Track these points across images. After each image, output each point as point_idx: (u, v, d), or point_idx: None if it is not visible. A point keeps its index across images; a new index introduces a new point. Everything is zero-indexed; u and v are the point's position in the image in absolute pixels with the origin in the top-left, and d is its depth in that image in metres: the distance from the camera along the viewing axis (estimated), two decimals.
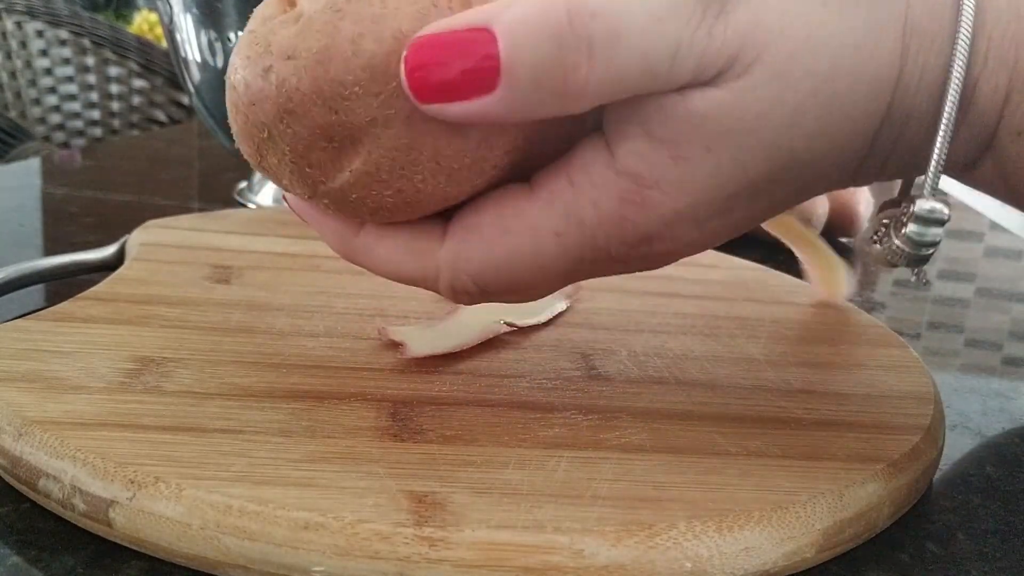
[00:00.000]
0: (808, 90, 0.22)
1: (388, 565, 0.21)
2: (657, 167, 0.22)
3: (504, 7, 0.20)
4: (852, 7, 0.22)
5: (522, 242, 0.23)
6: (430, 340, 0.32)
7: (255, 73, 0.21)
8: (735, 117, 0.22)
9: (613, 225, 0.22)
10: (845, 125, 0.23)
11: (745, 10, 0.21)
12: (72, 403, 0.26)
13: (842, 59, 0.22)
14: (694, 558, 0.22)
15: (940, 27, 0.23)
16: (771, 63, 0.21)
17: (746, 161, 0.22)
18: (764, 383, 0.32)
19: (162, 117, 1.58)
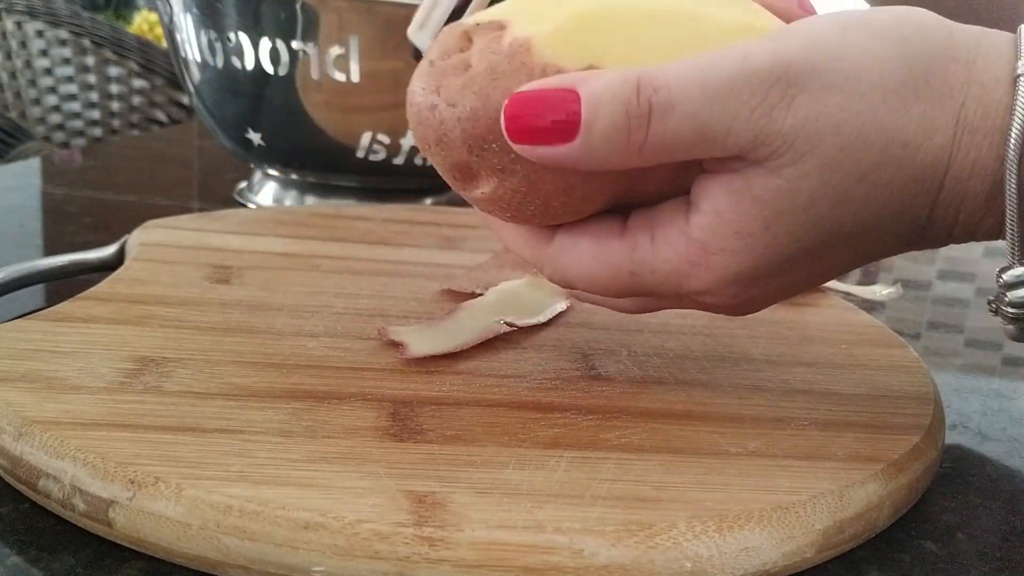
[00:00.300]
0: (855, 177, 0.25)
1: (388, 565, 0.21)
2: (722, 239, 0.26)
3: (591, 75, 0.25)
4: (910, 104, 0.25)
5: (604, 271, 0.28)
6: (430, 340, 0.32)
7: (425, 104, 0.27)
8: (790, 200, 0.25)
9: (680, 278, 0.27)
10: (891, 204, 0.26)
11: (807, 101, 0.24)
12: (72, 403, 0.26)
13: (890, 153, 0.25)
14: (694, 558, 0.22)
15: (992, 125, 0.25)
16: (823, 155, 0.24)
17: (799, 234, 0.26)
18: (764, 383, 0.32)
19: (162, 117, 1.58)
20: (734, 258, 0.26)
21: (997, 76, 0.25)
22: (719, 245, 0.26)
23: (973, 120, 0.25)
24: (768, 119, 0.24)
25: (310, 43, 0.51)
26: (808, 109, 0.24)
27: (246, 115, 0.55)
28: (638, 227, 0.28)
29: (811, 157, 0.25)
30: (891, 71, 0.25)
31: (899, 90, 0.25)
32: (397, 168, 0.56)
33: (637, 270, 0.27)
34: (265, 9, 0.51)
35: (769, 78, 0.24)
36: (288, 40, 0.51)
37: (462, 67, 0.27)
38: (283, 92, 0.53)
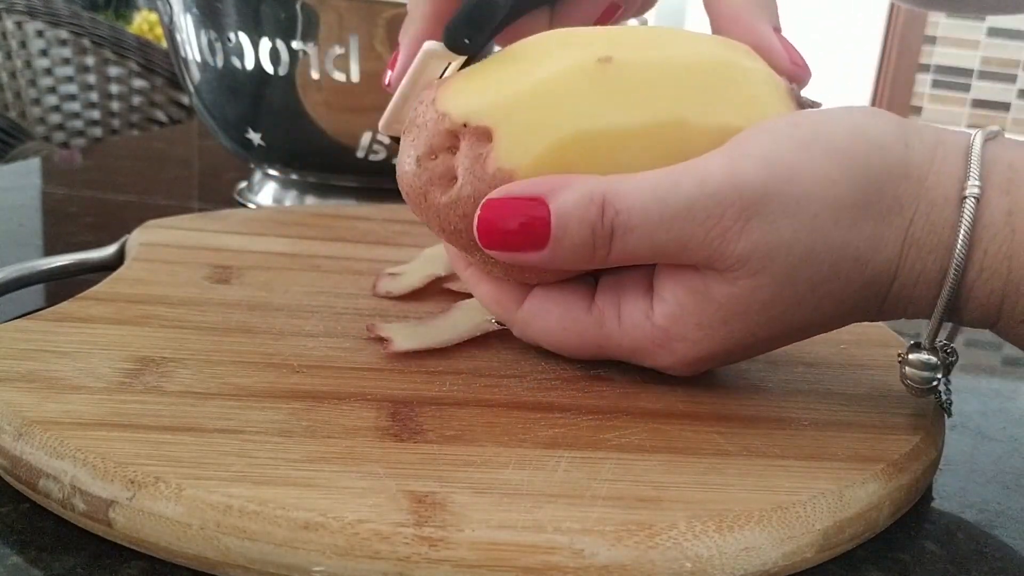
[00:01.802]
0: (807, 288, 0.27)
1: (388, 565, 0.21)
2: (684, 328, 0.28)
3: (558, 187, 0.27)
4: (861, 222, 0.26)
5: (572, 340, 0.30)
6: (415, 336, 0.32)
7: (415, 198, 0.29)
8: (745, 305, 0.27)
9: (643, 355, 0.29)
10: (842, 307, 0.28)
11: (760, 226, 0.26)
12: (72, 403, 0.26)
13: (840, 268, 0.26)
14: (694, 558, 0.22)
15: (938, 241, 0.26)
16: (775, 272, 0.26)
17: (755, 329, 0.28)
18: (764, 383, 0.32)
19: (162, 117, 1.58)
20: (695, 346, 0.28)
21: (946, 195, 0.26)
22: (681, 333, 0.28)
23: (920, 236, 0.26)
24: (722, 241, 0.26)
25: (310, 43, 0.51)
26: (761, 233, 0.26)
27: (246, 115, 0.55)
28: (605, 305, 0.29)
29: (764, 274, 0.26)
30: (843, 193, 0.26)
31: (851, 209, 0.26)
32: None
33: (604, 343, 0.30)
34: (265, 9, 0.51)
35: (724, 202, 0.25)
36: (288, 40, 0.51)
37: (448, 176, 0.29)
38: (283, 92, 0.53)
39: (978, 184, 0.26)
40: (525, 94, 0.28)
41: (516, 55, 0.29)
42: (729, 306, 0.27)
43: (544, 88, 0.28)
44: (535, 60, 0.29)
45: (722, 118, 0.28)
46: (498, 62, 0.29)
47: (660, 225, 0.26)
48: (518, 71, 0.28)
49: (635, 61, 0.28)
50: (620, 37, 0.29)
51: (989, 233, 0.26)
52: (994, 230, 0.26)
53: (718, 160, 0.26)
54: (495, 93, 0.28)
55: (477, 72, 0.29)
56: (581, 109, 0.28)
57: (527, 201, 0.27)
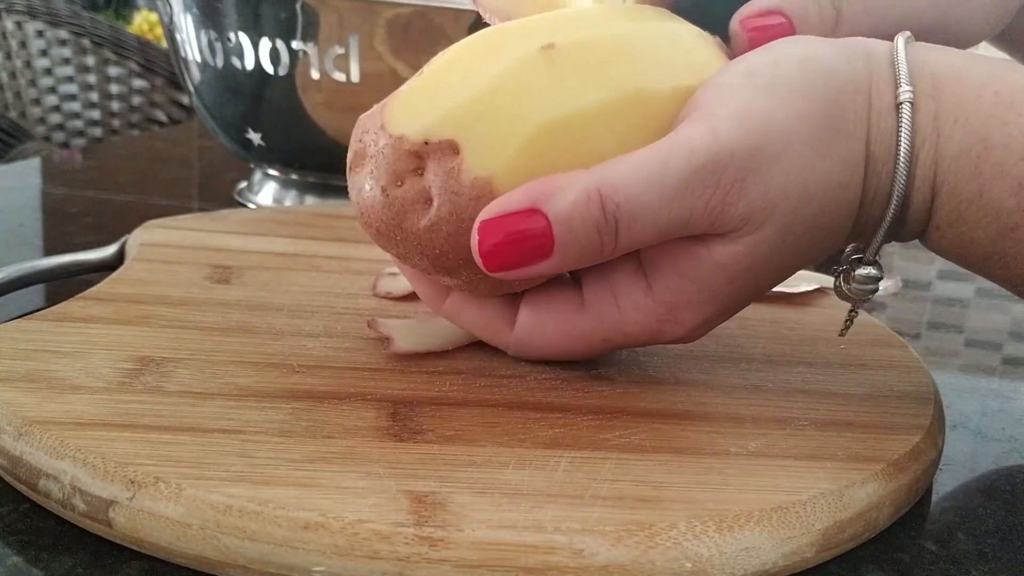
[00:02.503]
0: (805, 227, 0.27)
1: (388, 565, 0.21)
2: (687, 295, 0.28)
3: (549, 192, 0.26)
4: (838, 144, 0.26)
5: (576, 344, 0.30)
6: (416, 337, 0.32)
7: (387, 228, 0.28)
8: (749, 260, 0.27)
9: (651, 334, 0.29)
10: (828, 238, 0.28)
11: (755, 180, 0.26)
12: (72, 403, 0.26)
13: (830, 197, 0.27)
14: (694, 558, 0.22)
15: (887, 152, 0.27)
16: (778, 221, 0.26)
17: (759, 280, 0.28)
18: (764, 383, 0.32)
19: (162, 117, 1.58)
20: (700, 309, 0.28)
21: (888, 103, 0.27)
22: (685, 301, 0.28)
23: (875, 150, 0.27)
24: (723, 205, 0.26)
25: (310, 43, 0.51)
26: (758, 187, 0.26)
27: (246, 115, 0.55)
28: (599, 298, 0.29)
29: (767, 225, 0.26)
30: (817, 124, 0.26)
31: (826, 137, 0.26)
32: None
33: (609, 336, 0.29)
34: (265, 9, 0.51)
35: (718, 169, 0.26)
36: (288, 40, 0.51)
37: (421, 200, 0.27)
38: (283, 92, 0.53)
39: (909, 89, 0.26)
40: (480, 98, 0.27)
41: (452, 62, 0.28)
42: (733, 265, 0.27)
43: (496, 87, 0.27)
44: (477, 61, 0.28)
45: (675, 80, 0.29)
46: (437, 73, 0.28)
47: (661, 208, 0.26)
48: (463, 76, 0.28)
49: (575, 42, 0.28)
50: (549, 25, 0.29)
51: (920, 138, 0.26)
52: (923, 134, 0.26)
53: (698, 128, 0.26)
54: (448, 103, 0.27)
55: (417, 88, 0.28)
56: (539, 101, 0.27)
57: (521, 215, 0.26)
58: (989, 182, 0.26)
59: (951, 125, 0.26)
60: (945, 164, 0.26)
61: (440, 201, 0.27)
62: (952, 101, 0.26)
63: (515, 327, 0.30)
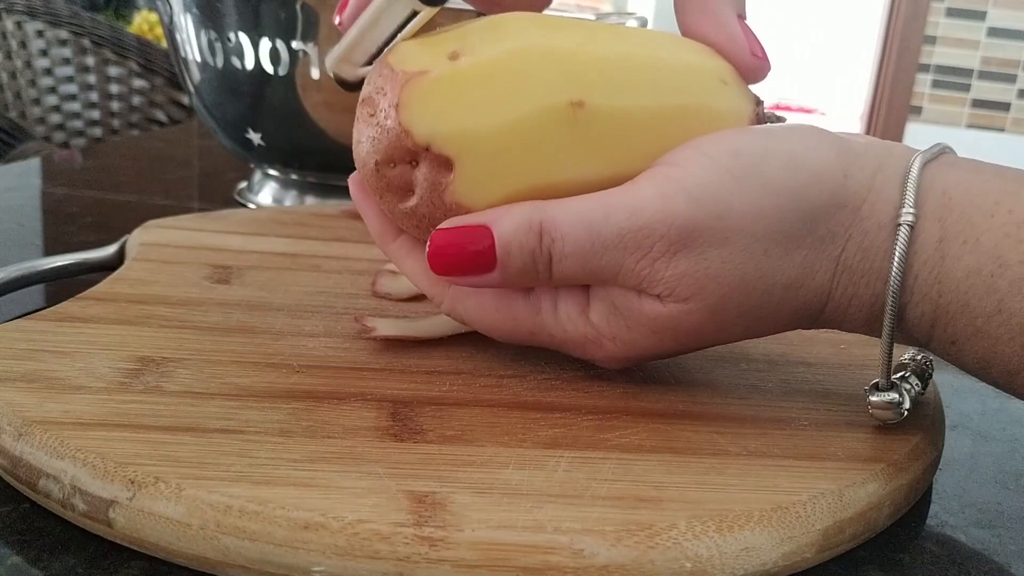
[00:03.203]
0: (737, 313, 0.28)
1: (388, 565, 0.21)
2: (615, 330, 0.28)
3: (500, 214, 0.27)
4: (792, 251, 0.27)
5: (506, 323, 0.30)
6: (399, 326, 0.33)
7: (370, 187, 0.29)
8: (674, 324, 0.28)
9: (573, 347, 0.30)
10: (775, 328, 0.29)
11: (686, 257, 0.26)
12: (72, 403, 0.26)
13: (772, 295, 0.27)
14: (694, 558, 0.22)
15: (870, 267, 0.27)
16: (705, 300, 0.27)
17: (685, 341, 0.29)
18: (764, 383, 0.32)
19: (162, 117, 1.58)
20: (625, 347, 0.29)
21: (880, 222, 0.27)
22: (612, 334, 0.29)
23: (852, 262, 0.27)
24: (651, 270, 0.27)
25: (310, 43, 0.51)
26: (688, 264, 0.26)
27: (246, 115, 0.55)
28: (544, 295, 0.29)
29: (693, 300, 0.27)
30: (775, 226, 0.27)
31: (782, 241, 0.27)
32: None
33: (536, 331, 0.30)
34: (265, 9, 0.51)
35: (653, 236, 0.26)
36: (288, 40, 0.51)
37: (404, 188, 0.29)
38: (283, 92, 0.53)
39: (912, 211, 0.26)
40: (492, 132, 0.27)
41: (489, 69, 0.27)
42: (659, 322, 0.28)
43: (512, 130, 0.27)
44: (509, 85, 0.27)
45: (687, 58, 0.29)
46: (470, 75, 0.27)
47: (592, 253, 0.27)
48: (488, 94, 0.27)
49: (607, 108, 0.28)
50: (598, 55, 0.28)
51: (920, 259, 0.26)
52: (925, 256, 0.26)
53: (650, 192, 0.27)
54: (462, 120, 0.27)
55: (445, 82, 0.27)
56: (547, 161, 0.28)
57: (471, 229, 0.28)
58: (1008, 298, 0.25)
59: (959, 247, 0.26)
60: (951, 284, 0.26)
61: (419, 201, 0.28)
62: (961, 222, 0.26)
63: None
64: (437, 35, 0.29)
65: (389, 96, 0.28)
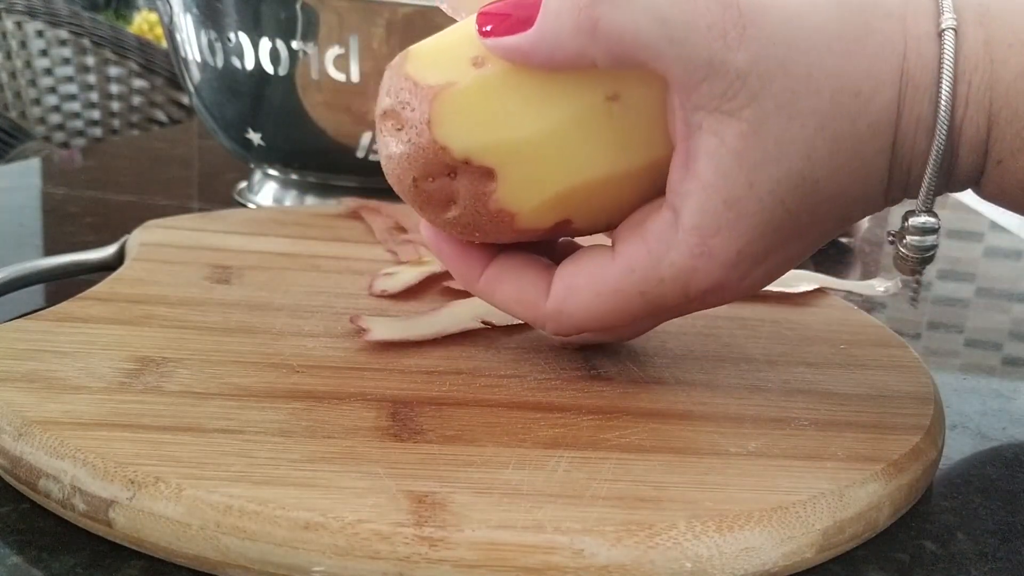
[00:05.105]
0: (815, 126, 0.25)
1: (388, 565, 0.21)
2: (714, 215, 0.26)
3: None
4: (856, 54, 0.25)
5: (612, 302, 0.28)
6: (394, 328, 0.33)
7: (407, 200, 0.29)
8: (760, 148, 0.25)
9: (688, 276, 0.27)
10: (856, 160, 0.26)
11: (756, 34, 0.25)
12: (72, 403, 0.26)
13: (842, 102, 0.25)
14: (694, 558, 0.22)
15: (929, 79, 0.26)
16: (776, 96, 0.25)
17: (782, 193, 0.26)
18: (764, 383, 0.32)
19: (162, 117, 1.58)
20: (731, 235, 0.26)
21: (927, 31, 0.26)
22: (715, 224, 0.26)
23: (915, 74, 0.26)
24: (723, 44, 0.24)
25: (310, 43, 0.51)
26: (758, 43, 0.25)
27: (246, 115, 0.55)
28: (628, 247, 0.28)
29: (765, 98, 0.25)
30: (832, 20, 0.25)
31: (840, 39, 0.25)
32: None
33: (645, 288, 0.27)
34: (265, 9, 0.51)
35: (724, 2, 0.25)
36: (288, 40, 0.51)
37: (445, 199, 0.28)
38: (283, 92, 0.53)
39: (953, 16, 0.25)
40: (532, 138, 0.27)
41: (514, 71, 0.27)
42: (746, 154, 0.25)
43: (552, 134, 0.27)
44: (538, 82, 0.27)
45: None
46: (498, 82, 0.27)
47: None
48: (522, 100, 0.27)
49: (641, 96, 0.27)
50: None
51: (971, 64, 0.25)
52: (975, 60, 0.25)
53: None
54: (499, 130, 0.27)
55: (473, 93, 0.27)
56: (588, 156, 0.27)
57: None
58: None
59: (1005, 50, 0.25)
60: (1002, 88, 0.25)
61: (462, 211, 0.28)
62: (1003, 26, 0.25)
63: (547, 296, 0.29)
64: (448, 37, 0.28)
65: (418, 112, 0.27)
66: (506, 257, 0.30)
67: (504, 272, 0.30)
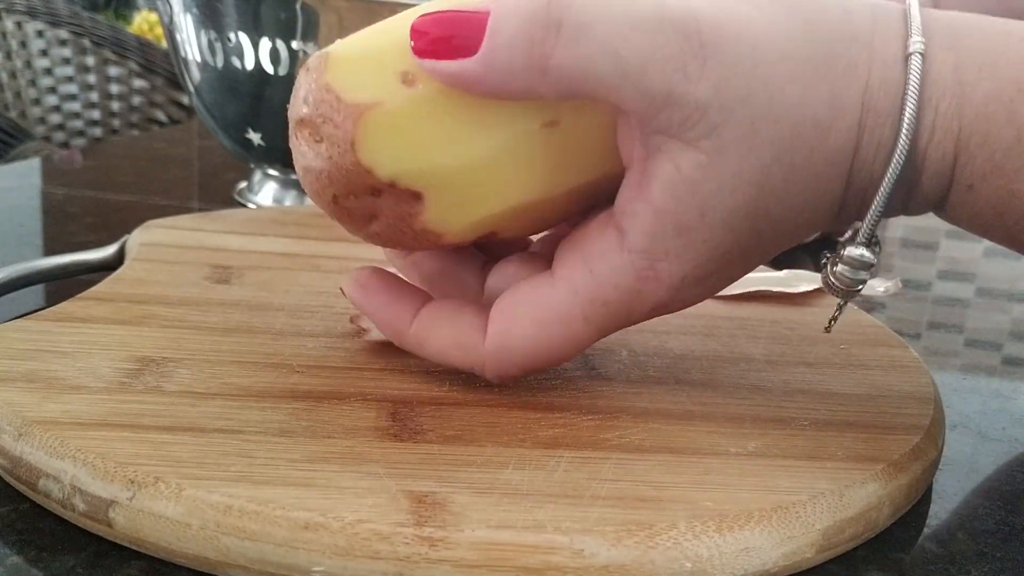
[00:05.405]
0: (772, 156, 0.25)
1: (388, 565, 0.21)
2: (663, 240, 0.25)
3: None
4: (818, 82, 0.25)
5: (555, 330, 0.27)
6: None
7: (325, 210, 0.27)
8: (716, 180, 0.25)
9: (632, 299, 0.26)
10: (810, 188, 0.26)
11: (717, 66, 0.24)
12: (72, 403, 0.26)
13: (802, 132, 0.25)
14: (694, 558, 0.22)
15: (892, 104, 0.25)
16: (736, 128, 0.24)
17: (732, 222, 0.25)
18: (764, 383, 0.32)
19: (162, 117, 1.58)
20: (679, 261, 0.26)
21: (894, 55, 0.25)
22: (663, 249, 0.25)
23: (876, 100, 0.25)
24: (683, 76, 0.24)
25: (310, 43, 0.51)
26: (719, 75, 0.24)
27: (246, 115, 0.55)
28: (570, 268, 0.27)
29: (725, 129, 0.24)
30: (797, 45, 0.25)
31: (804, 66, 0.25)
32: None
33: (588, 311, 0.26)
34: (265, 9, 0.51)
35: (684, 30, 0.24)
36: (288, 40, 0.51)
37: (366, 216, 0.26)
38: (283, 92, 0.53)
39: (921, 40, 0.25)
40: (463, 165, 0.25)
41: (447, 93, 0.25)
42: (702, 185, 0.25)
43: (484, 159, 0.26)
44: (473, 106, 0.25)
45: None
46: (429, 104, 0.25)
47: (619, 31, 0.23)
48: (455, 124, 0.25)
49: (582, 123, 0.26)
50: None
51: (939, 90, 0.25)
52: (943, 86, 0.25)
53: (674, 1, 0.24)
54: (429, 156, 0.25)
55: (402, 115, 0.25)
56: (520, 183, 0.26)
57: (467, 13, 0.24)
58: None
59: (975, 73, 0.25)
60: (971, 113, 0.25)
61: (384, 228, 0.27)
62: (973, 51, 0.25)
63: (486, 336, 0.27)
64: (375, 41, 0.26)
65: (341, 131, 0.25)
66: (437, 303, 0.29)
67: (437, 315, 0.28)
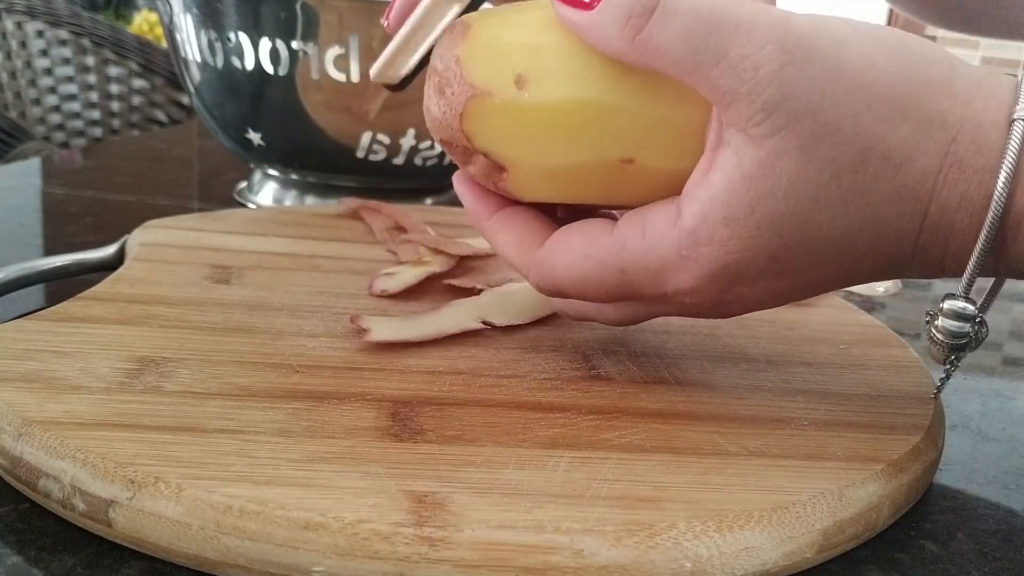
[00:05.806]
0: (831, 173, 0.25)
1: (388, 565, 0.21)
2: (711, 227, 0.26)
3: None
4: (897, 122, 0.25)
5: (594, 269, 0.28)
6: (394, 328, 0.33)
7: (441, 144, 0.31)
8: (771, 180, 0.25)
9: (668, 272, 0.27)
10: (873, 216, 0.26)
11: (793, 74, 0.25)
12: (72, 403, 0.26)
13: (868, 161, 0.25)
14: (694, 558, 0.22)
15: (984, 164, 0.25)
16: (800, 136, 0.25)
17: (780, 227, 0.26)
18: (764, 383, 0.32)
19: (162, 117, 1.58)
20: (721, 249, 0.26)
21: (995, 119, 0.26)
22: (709, 235, 0.26)
23: (964, 156, 0.26)
24: (753, 76, 0.25)
25: (310, 43, 0.51)
26: (793, 84, 0.25)
27: (246, 115, 0.55)
28: (629, 225, 0.28)
29: (788, 134, 0.25)
30: (884, 82, 0.26)
31: (887, 103, 0.26)
32: (397, 168, 0.56)
33: (627, 267, 0.28)
34: (265, 9, 0.51)
35: (769, 37, 0.25)
36: (288, 40, 0.51)
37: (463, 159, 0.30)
38: (283, 92, 0.53)
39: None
40: (544, 168, 0.29)
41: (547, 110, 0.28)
42: (757, 181, 0.26)
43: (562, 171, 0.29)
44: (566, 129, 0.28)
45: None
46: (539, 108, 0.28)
47: (702, 24, 0.25)
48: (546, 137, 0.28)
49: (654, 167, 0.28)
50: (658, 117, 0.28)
51: None
52: None
53: (774, 8, 0.26)
54: (517, 150, 0.29)
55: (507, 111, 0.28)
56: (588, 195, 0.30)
57: None
58: None
59: None
60: None
61: (476, 173, 0.30)
62: None
63: (543, 245, 0.30)
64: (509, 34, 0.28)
65: (456, 99, 0.28)
66: (519, 207, 0.31)
67: (513, 218, 0.31)
